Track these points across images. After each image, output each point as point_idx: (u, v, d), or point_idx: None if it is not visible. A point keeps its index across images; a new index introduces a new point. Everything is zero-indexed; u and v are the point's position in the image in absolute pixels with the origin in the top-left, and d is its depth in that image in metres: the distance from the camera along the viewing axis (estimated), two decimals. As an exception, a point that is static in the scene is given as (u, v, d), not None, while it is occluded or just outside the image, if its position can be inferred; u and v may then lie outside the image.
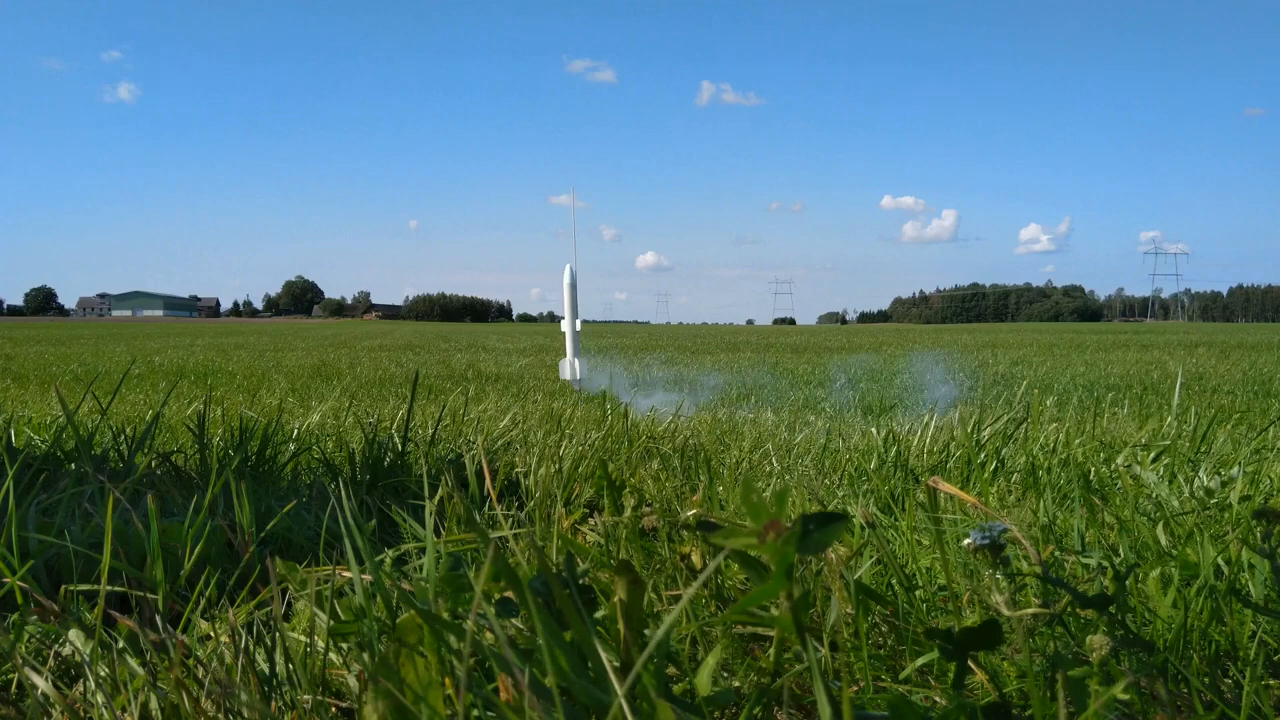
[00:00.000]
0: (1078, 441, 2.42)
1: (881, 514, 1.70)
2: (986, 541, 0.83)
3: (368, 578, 0.86)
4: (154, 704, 0.80)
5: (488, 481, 1.54)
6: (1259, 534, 0.92)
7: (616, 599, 0.70)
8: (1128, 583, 1.12)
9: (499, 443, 2.68)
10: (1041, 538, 1.41)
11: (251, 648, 0.90)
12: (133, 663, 0.87)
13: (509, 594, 0.81)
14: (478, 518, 1.36)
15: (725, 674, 1.01)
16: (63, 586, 1.13)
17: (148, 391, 6.70)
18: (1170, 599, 1.07)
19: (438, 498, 1.32)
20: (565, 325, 6.36)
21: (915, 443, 2.50)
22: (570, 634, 0.63)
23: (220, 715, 0.78)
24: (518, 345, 20.15)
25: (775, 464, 2.56)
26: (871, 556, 1.24)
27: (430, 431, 2.36)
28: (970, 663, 0.86)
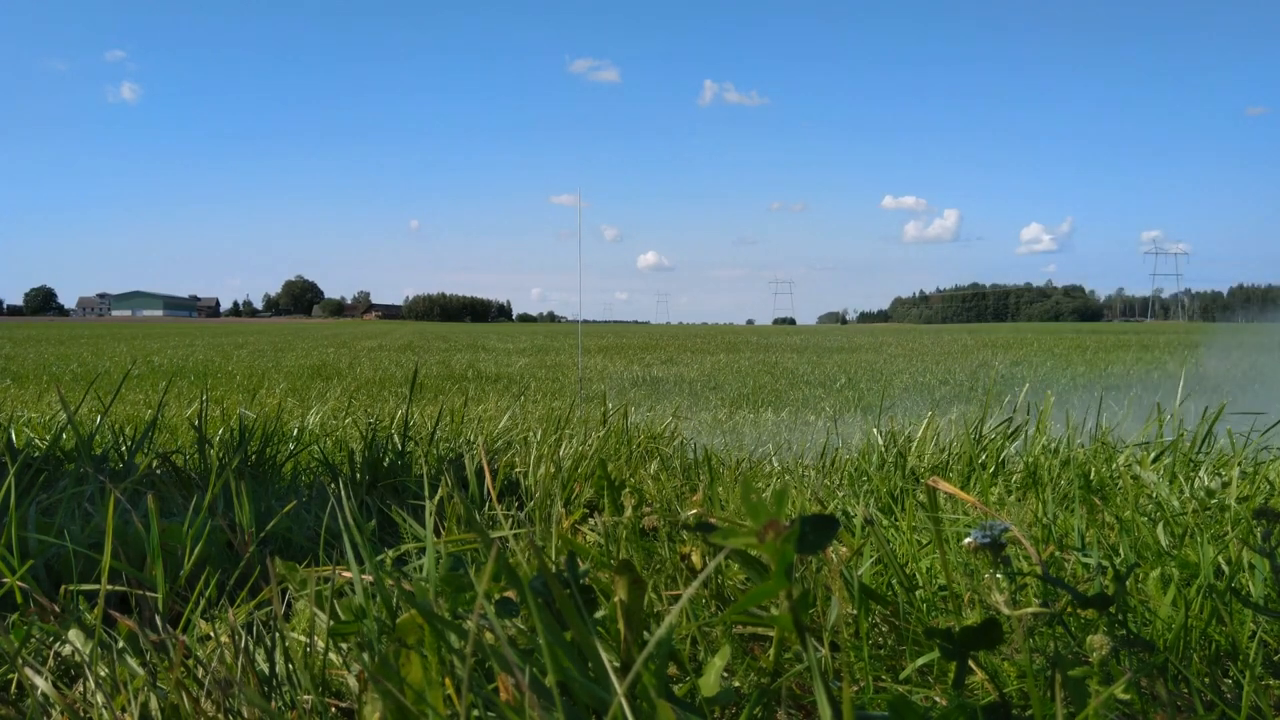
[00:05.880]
0: (1079, 441, 2.42)
1: (882, 514, 1.69)
2: (987, 540, 0.83)
3: (368, 578, 0.86)
4: (154, 704, 0.80)
5: (488, 481, 1.54)
6: (1259, 534, 0.92)
7: (617, 599, 0.70)
8: (1128, 583, 1.12)
9: (499, 443, 2.67)
10: (1042, 537, 1.41)
11: (251, 648, 0.90)
12: (133, 663, 0.87)
13: (509, 594, 0.81)
14: (478, 518, 1.36)
15: (725, 674, 1.01)
16: (63, 586, 1.13)
17: (147, 391, 6.70)
18: (1170, 599, 1.07)
19: (438, 498, 1.32)
20: None
21: (916, 443, 2.50)
22: (571, 634, 0.63)
23: (220, 715, 0.78)
24: (518, 345, 20.14)
25: (776, 464, 2.55)
26: (872, 556, 1.23)
27: (430, 431, 2.36)
28: (970, 662, 0.86)
